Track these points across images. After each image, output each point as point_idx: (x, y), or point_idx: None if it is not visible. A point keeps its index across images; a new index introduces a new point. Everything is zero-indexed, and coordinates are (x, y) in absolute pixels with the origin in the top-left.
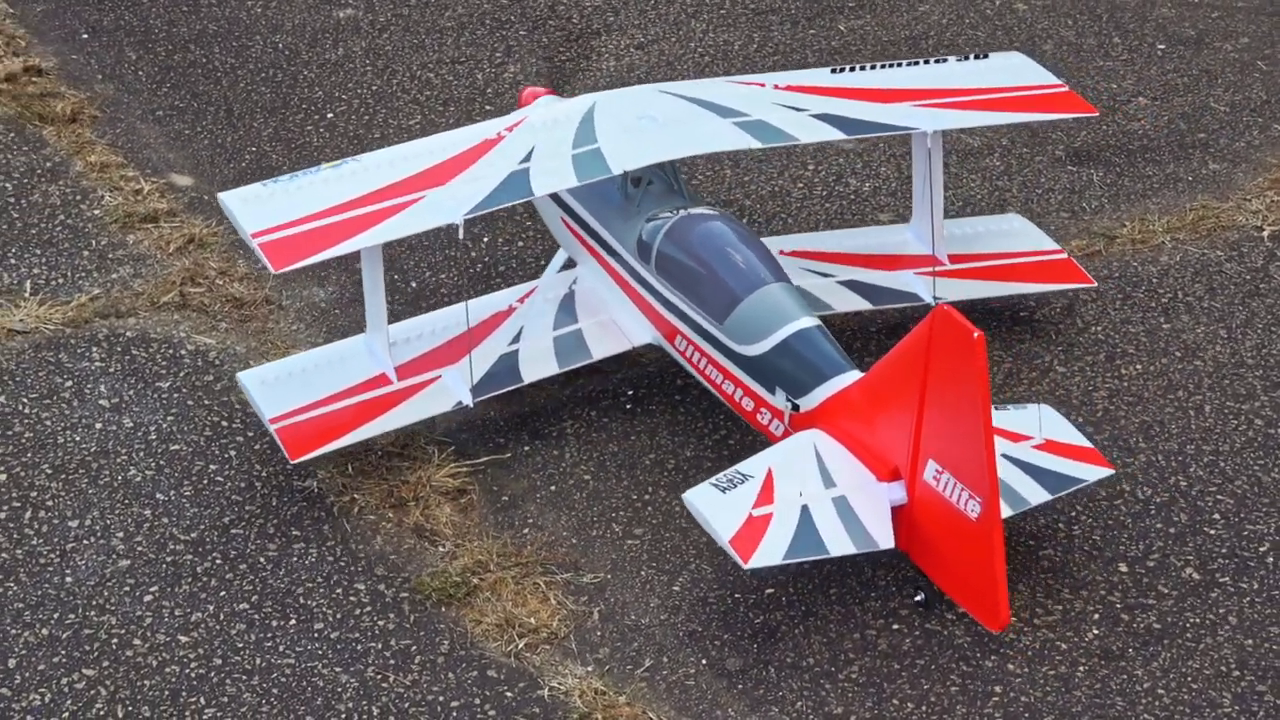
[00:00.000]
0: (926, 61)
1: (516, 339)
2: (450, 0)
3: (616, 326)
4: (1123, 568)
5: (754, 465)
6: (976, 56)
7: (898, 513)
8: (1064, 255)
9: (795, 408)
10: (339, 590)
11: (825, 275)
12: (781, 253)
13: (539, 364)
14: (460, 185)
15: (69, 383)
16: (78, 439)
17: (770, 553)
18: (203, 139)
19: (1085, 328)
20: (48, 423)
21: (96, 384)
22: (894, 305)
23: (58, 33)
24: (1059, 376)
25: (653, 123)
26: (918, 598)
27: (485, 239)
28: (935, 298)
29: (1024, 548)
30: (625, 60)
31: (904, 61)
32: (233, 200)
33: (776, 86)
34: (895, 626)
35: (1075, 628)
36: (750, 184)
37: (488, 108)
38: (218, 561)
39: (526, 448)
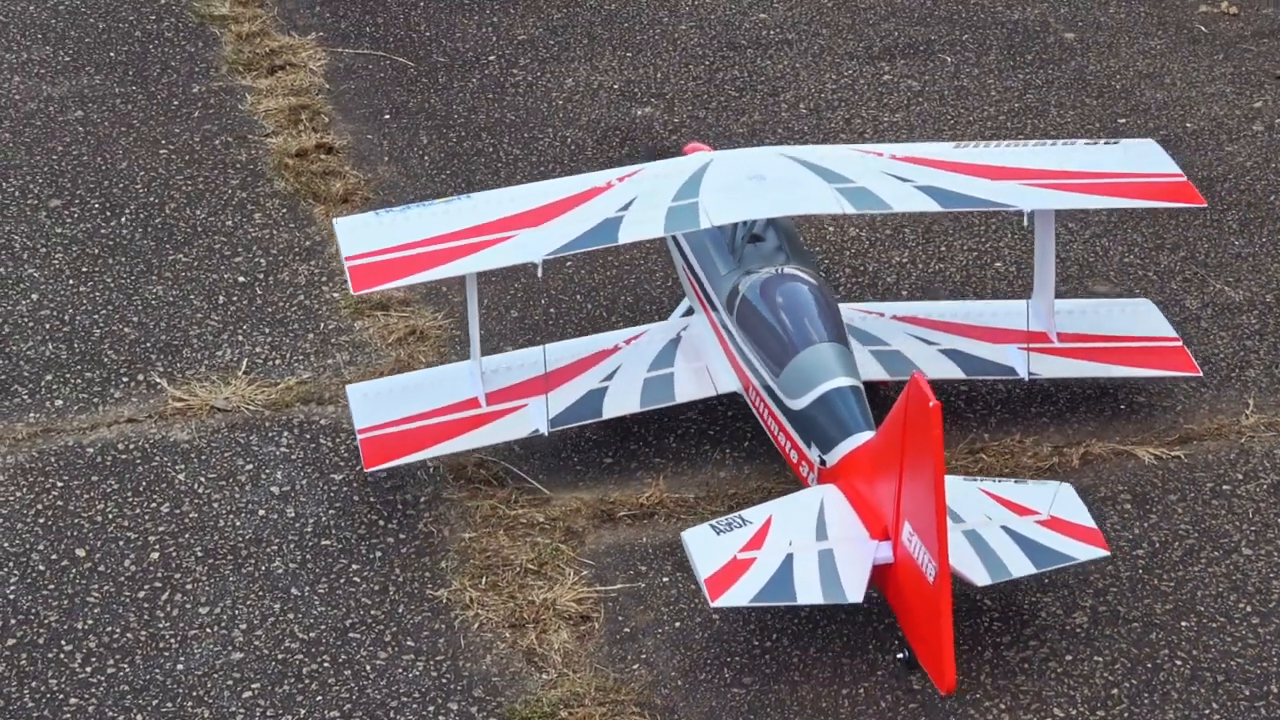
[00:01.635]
0: (1054, 143)
1: (610, 377)
2: (749, 106)
3: (708, 373)
4: None
5: (757, 512)
6: (1106, 141)
7: (885, 571)
8: (1179, 344)
9: (823, 462)
10: (431, 708)
11: (929, 342)
12: (895, 318)
13: (622, 401)
14: (553, 227)
15: (249, 466)
16: (238, 524)
17: (739, 595)
18: None
19: None
20: (215, 505)
21: (274, 470)
22: (987, 376)
23: (363, 111)
24: (1241, 559)
25: (760, 182)
26: (899, 655)
27: None
28: (1030, 373)
29: None
30: None
31: (1031, 141)
32: (342, 226)
33: (894, 157)
34: None
35: None
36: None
37: None
38: (325, 664)
39: (666, 579)
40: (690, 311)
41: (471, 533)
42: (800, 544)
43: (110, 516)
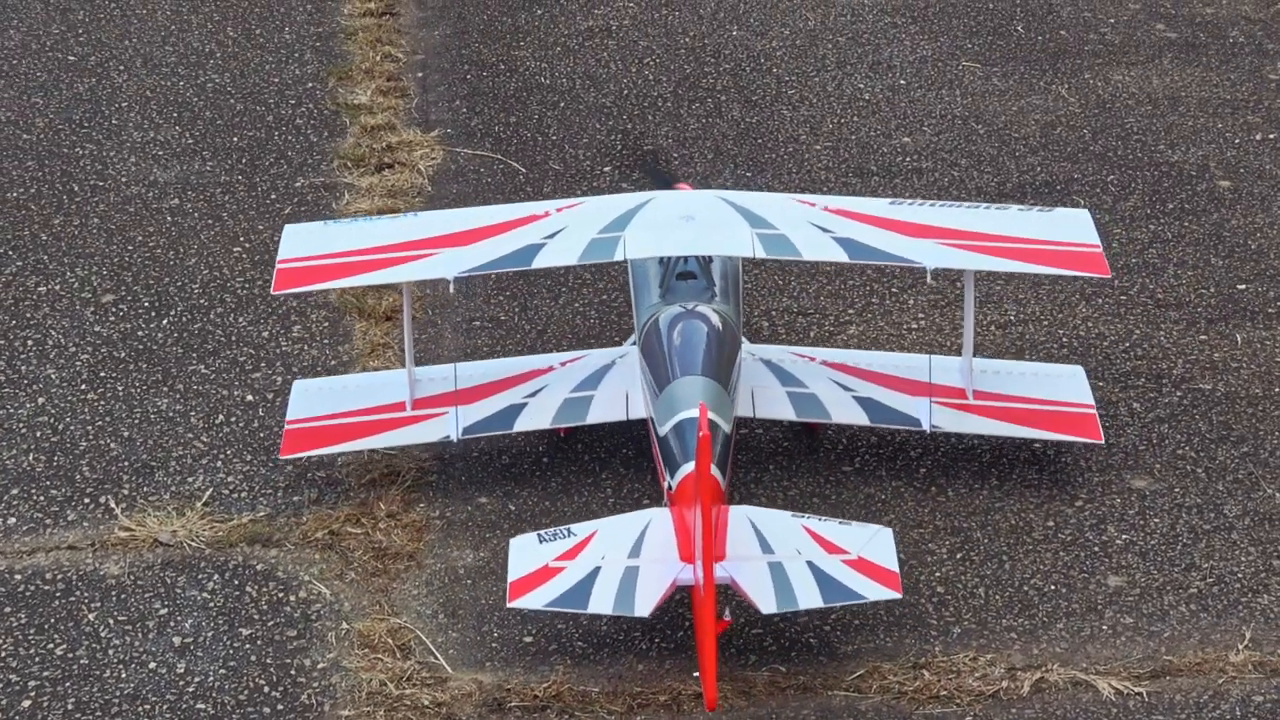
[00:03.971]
0: (988, 206)
1: (535, 394)
2: None
3: (625, 399)
4: None
5: (585, 526)
6: (1040, 209)
7: (692, 593)
8: (1091, 411)
9: (670, 487)
10: None
11: (846, 389)
12: (824, 363)
13: (536, 417)
14: (478, 248)
15: (163, 611)
16: (123, 677)
17: (537, 599)
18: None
19: None
20: (110, 652)
21: (186, 618)
22: (892, 425)
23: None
24: None
25: (689, 222)
26: (695, 674)
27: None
28: (933, 425)
29: None
30: (987, 337)
31: (966, 203)
32: (289, 232)
33: (826, 209)
34: None
35: None
36: None
37: None
38: None
39: None
40: None
41: (351, 710)
42: (612, 559)
43: (2, 655)
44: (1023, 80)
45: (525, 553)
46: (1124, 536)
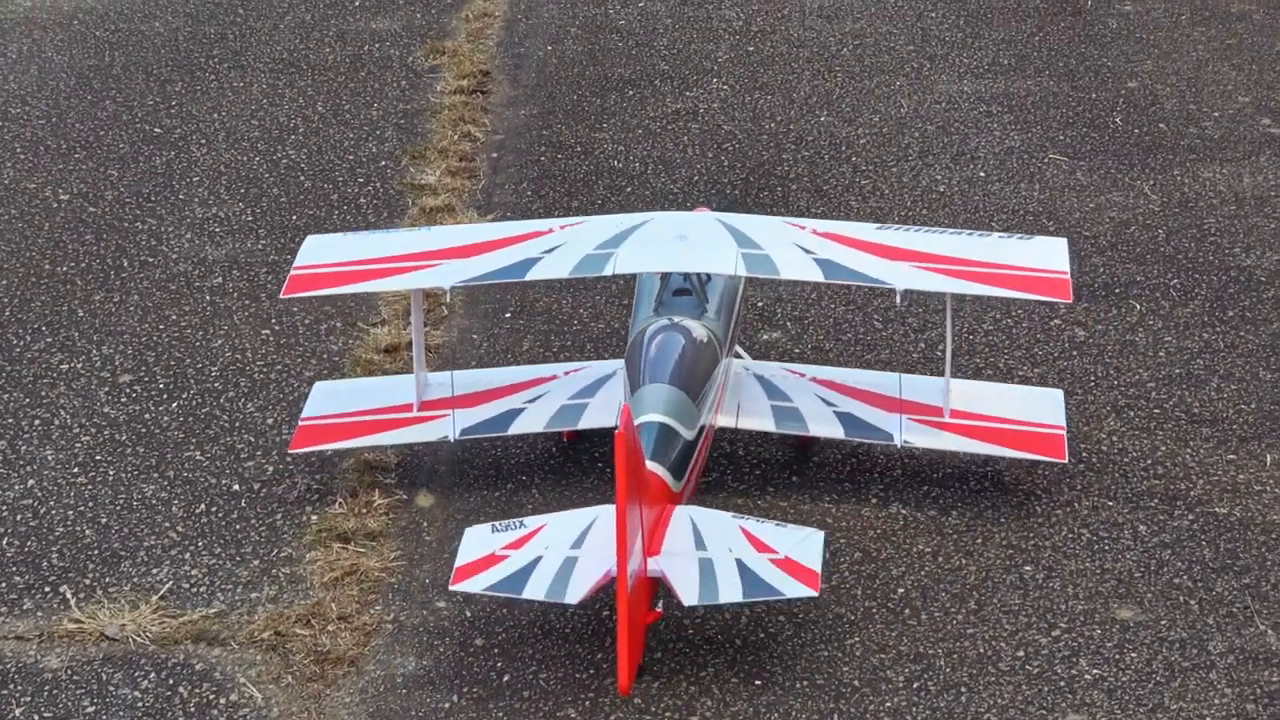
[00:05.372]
0: (970, 232)
1: (534, 400)
2: (883, 342)
3: (618, 407)
4: None
5: (536, 520)
6: (1020, 236)
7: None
8: (1060, 432)
9: None
10: None
11: (829, 404)
12: (813, 379)
13: (530, 422)
14: (478, 260)
15: (90, 709)
16: None
17: (477, 584)
18: (487, 455)
19: None
20: None
21: (111, 718)
22: (865, 439)
23: (488, 305)
24: None
25: (681, 242)
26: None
27: None
28: (904, 441)
29: None
30: None
31: (950, 230)
32: (309, 241)
33: (815, 231)
34: None
35: None
36: None
37: None
38: None
39: None
40: None
41: None
42: (554, 551)
43: None
44: (1107, 175)
45: (476, 541)
46: (1095, 671)
